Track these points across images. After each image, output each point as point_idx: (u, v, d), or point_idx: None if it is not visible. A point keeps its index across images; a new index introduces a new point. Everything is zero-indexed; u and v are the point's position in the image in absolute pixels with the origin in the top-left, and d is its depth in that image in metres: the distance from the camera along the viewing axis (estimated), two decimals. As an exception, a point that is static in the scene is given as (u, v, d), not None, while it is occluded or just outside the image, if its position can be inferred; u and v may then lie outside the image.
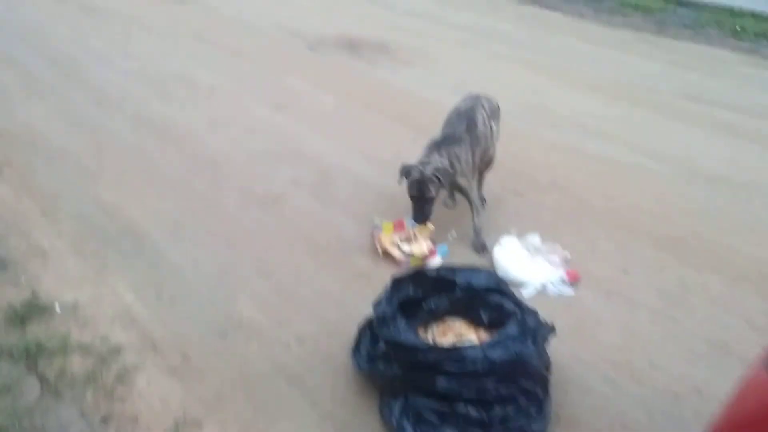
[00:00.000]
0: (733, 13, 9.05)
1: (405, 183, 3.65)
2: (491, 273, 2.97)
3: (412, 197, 3.63)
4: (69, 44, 6.97)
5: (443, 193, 4.09)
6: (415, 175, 3.58)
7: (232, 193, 4.27)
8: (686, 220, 4.20)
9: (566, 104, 5.97)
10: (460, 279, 2.91)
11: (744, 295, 3.53)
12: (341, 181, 4.47)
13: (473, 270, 2.97)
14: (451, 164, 3.64)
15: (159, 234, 3.83)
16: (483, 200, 4.19)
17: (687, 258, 3.82)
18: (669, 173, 4.77)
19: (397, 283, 2.86)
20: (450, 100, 4.19)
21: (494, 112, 4.02)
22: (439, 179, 3.57)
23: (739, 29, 8.59)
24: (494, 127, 3.99)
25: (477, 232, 3.84)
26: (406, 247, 3.68)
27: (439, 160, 3.62)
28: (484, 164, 4.07)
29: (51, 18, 8.04)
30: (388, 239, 3.73)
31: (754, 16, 8.91)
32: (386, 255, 3.68)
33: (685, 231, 4.08)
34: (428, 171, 3.56)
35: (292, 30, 7.76)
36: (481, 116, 3.89)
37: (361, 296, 3.33)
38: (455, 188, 3.83)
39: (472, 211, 3.86)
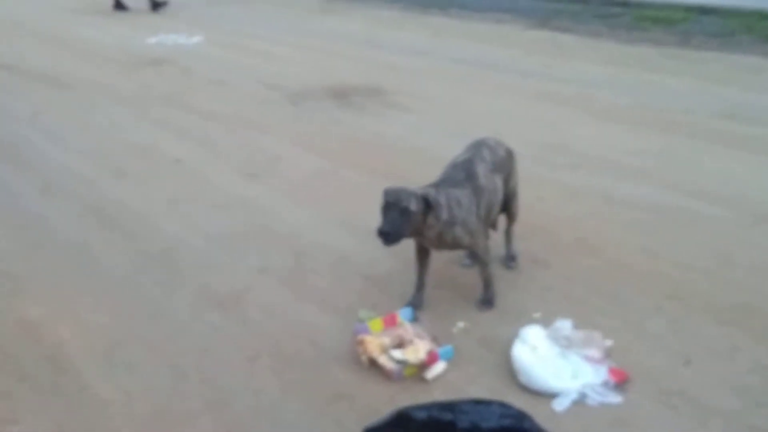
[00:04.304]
0: (763, 16, 8.19)
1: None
2: (506, 407, 2.11)
3: (384, 206, 2.83)
4: (20, 122, 6.28)
5: (459, 254, 3.44)
6: (395, 187, 2.88)
7: (185, 293, 3.48)
8: (753, 278, 3.33)
9: (588, 139, 5.14)
10: (462, 420, 2.06)
11: None
12: (319, 263, 3.66)
13: (480, 404, 2.12)
14: (450, 207, 2.91)
15: (88, 359, 3.03)
16: (513, 258, 3.52)
17: (763, 333, 2.96)
18: (723, 217, 3.88)
19: (371, 437, 2.02)
20: (451, 147, 3.43)
21: (499, 164, 3.22)
22: (427, 200, 2.83)
23: (772, 33, 7.73)
24: (499, 183, 3.19)
25: (487, 284, 3.20)
26: (397, 354, 2.83)
27: (435, 195, 2.91)
28: (491, 221, 3.33)
29: (5, 93, 7.36)
30: (376, 343, 2.89)
31: (787, 16, 8.05)
32: (373, 365, 2.85)
33: (754, 294, 3.21)
34: (414, 191, 2.86)
35: (273, 84, 7.05)
36: (481, 169, 3.11)
37: (338, 428, 2.55)
38: (451, 241, 3.01)
39: (480, 266, 3.17)
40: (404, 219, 2.79)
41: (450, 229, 2.93)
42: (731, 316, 3.05)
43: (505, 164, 3.27)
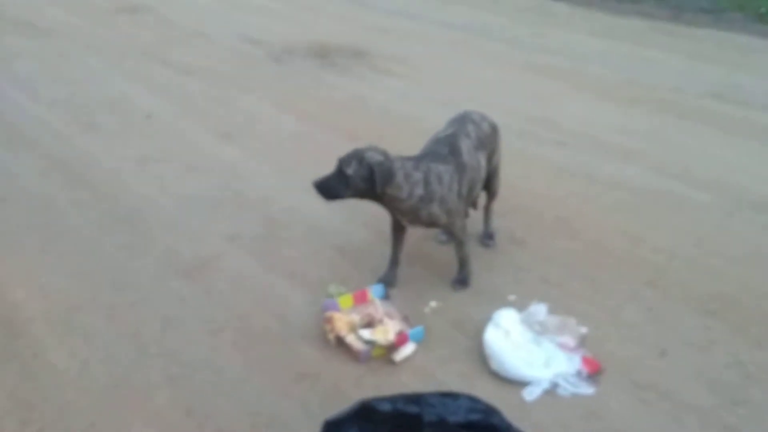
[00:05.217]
0: (757, -6, 8.05)
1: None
2: (474, 401, 2.02)
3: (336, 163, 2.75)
4: (-12, 70, 6.03)
5: (436, 230, 3.26)
6: (360, 148, 2.76)
7: (150, 259, 3.34)
8: (735, 268, 3.25)
9: (575, 114, 5.01)
10: (428, 413, 1.97)
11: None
12: (292, 232, 3.54)
13: (447, 396, 2.03)
14: (427, 182, 2.76)
15: (44, 324, 2.91)
16: (490, 236, 3.40)
17: (742, 326, 2.88)
18: (708, 202, 3.80)
19: (333, 429, 1.92)
20: (436, 117, 3.32)
21: (483, 140, 3.08)
22: (371, 170, 2.66)
23: (764, 12, 7.59)
24: (482, 161, 3.06)
25: (462, 264, 3.09)
26: (366, 334, 2.74)
27: (407, 169, 2.75)
28: (472, 200, 3.19)
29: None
30: (344, 321, 2.80)
31: (782, -4, 7.90)
32: (340, 344, 2.76)
33: (735, 285, 3.13)
34: (375, 156, 2.69)
35: (256, 40, 6.79)
36: (465, 145, 2.96)
37: (301, 409, 2.47)
38: (426, 218, 2.85)
39: (456, 245, 3.06)
40: (339, 181, 2.71)
41: (426, 205, 2.80)
42: (710, 307, 2.98)
43: (490, 140, 3.14)
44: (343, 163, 2.71)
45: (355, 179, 2.68)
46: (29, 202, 3.84)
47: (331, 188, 2.73)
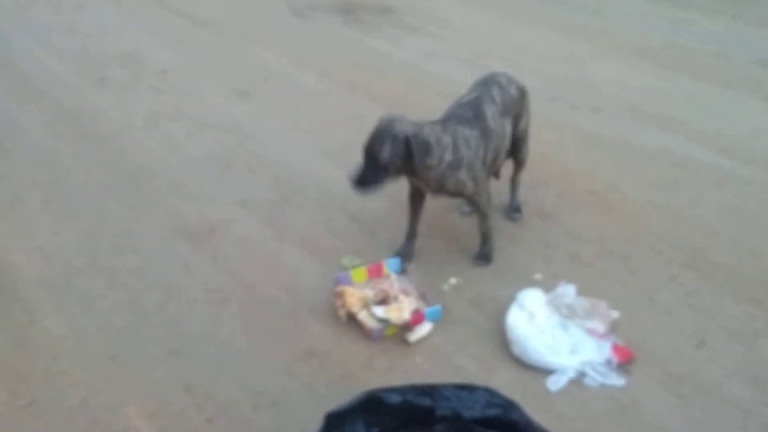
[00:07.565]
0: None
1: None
2: (493, 394, 1.83)
3: (364, 148, 2.47)
4: (1, 16, 5.83)
5: (458, 200, 3.00)
6: (383, 123, 2.47)
7: (155, 221, 3.17)
8: (783, 252, 2.99)
9: (612, 78, 4.70)
10: (442, 407, 1.79)
11: None
12: (305, 198, 3.34)
13: (463, 389, 1.83)
14: (456, 147, 2.54)
15: (40, 288, 2.77)
16: (517, 209, 3.17)
17: (789, 317, 2.63)
18: (754, 178, 3.52)
19: (335, 422, 1.74)
20: (464, 77, 3.09)
21: (509, 106, 2.82)
22: (408, 144, 2.42)
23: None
24: (508, 128, 2.82)
25: (485, 238, 2.88)
26: (379, 312, 2.54)
27: (437, 133, 2.53)
28: (495, 170, 2.96)
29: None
30: (357, 296, 2.61)
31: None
32: (352, 320, 2.57)
33: (783, 270, 2.87)
34: (404, 127, 2.44)
35: (278, -9, 6.53)
36: (490, 111, 2.72)
37: (307, 389, 2.31)
38: (452, 187, 2.62)
39: (479, 218, 2.83)
40: (375, 170, 2.44)
41: (454, 172, 2.57)
42: (756, 294, 2.73)
43: (517, 105, 2.88)
44: (371, 148, 2.43)
45: (393, 161, 2.43)
46: (34, 157, 3.68)
47: (368, 180, 2.45)
